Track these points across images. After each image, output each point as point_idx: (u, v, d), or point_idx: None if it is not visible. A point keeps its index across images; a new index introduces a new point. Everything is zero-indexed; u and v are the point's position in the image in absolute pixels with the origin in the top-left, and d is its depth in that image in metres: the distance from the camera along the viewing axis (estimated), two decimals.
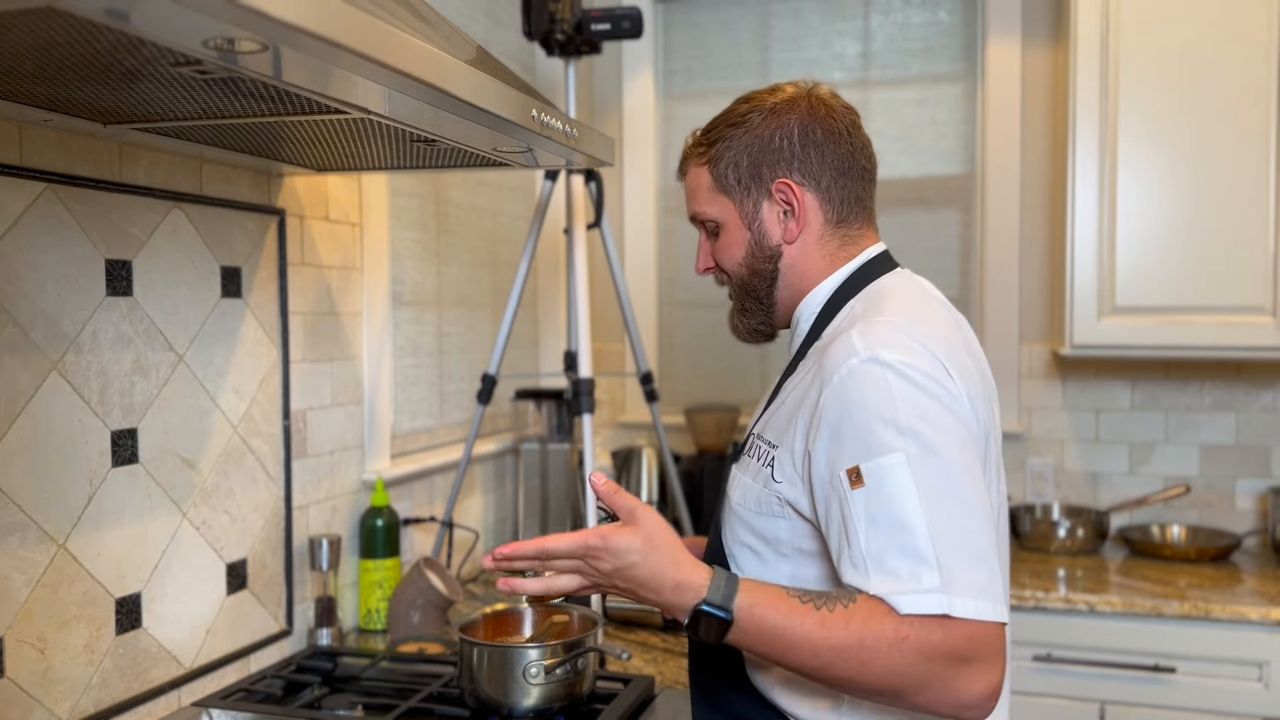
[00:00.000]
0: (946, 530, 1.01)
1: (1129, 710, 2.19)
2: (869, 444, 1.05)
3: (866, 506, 1.04)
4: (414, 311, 2.31)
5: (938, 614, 1.00)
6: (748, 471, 1.22)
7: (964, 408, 1.09)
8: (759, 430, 1.23)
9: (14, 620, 1.28)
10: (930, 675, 1.01)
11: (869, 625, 1.01)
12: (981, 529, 1.03)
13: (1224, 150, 2.32)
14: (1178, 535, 2.63)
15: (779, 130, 1.24)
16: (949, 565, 1.00)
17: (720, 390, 3.07)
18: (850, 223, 1.26)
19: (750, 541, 1.20)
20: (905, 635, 1.00)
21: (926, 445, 1.04)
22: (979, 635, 1.00)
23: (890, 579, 1.02)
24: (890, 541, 1.02)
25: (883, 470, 1.04)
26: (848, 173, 1.25)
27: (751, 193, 1.25)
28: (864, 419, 1.06)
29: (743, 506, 1.21)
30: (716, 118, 1.30)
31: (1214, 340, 2.35)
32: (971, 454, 1.07)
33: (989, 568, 1.02)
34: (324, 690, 1.61)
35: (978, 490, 1.05)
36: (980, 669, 1.00)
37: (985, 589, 1.00)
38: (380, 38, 0.91)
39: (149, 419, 1.49)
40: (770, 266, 1.27)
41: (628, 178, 3.07)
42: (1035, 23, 2.73)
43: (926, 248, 2.86)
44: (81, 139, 1.36)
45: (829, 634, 1.02)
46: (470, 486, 2.45)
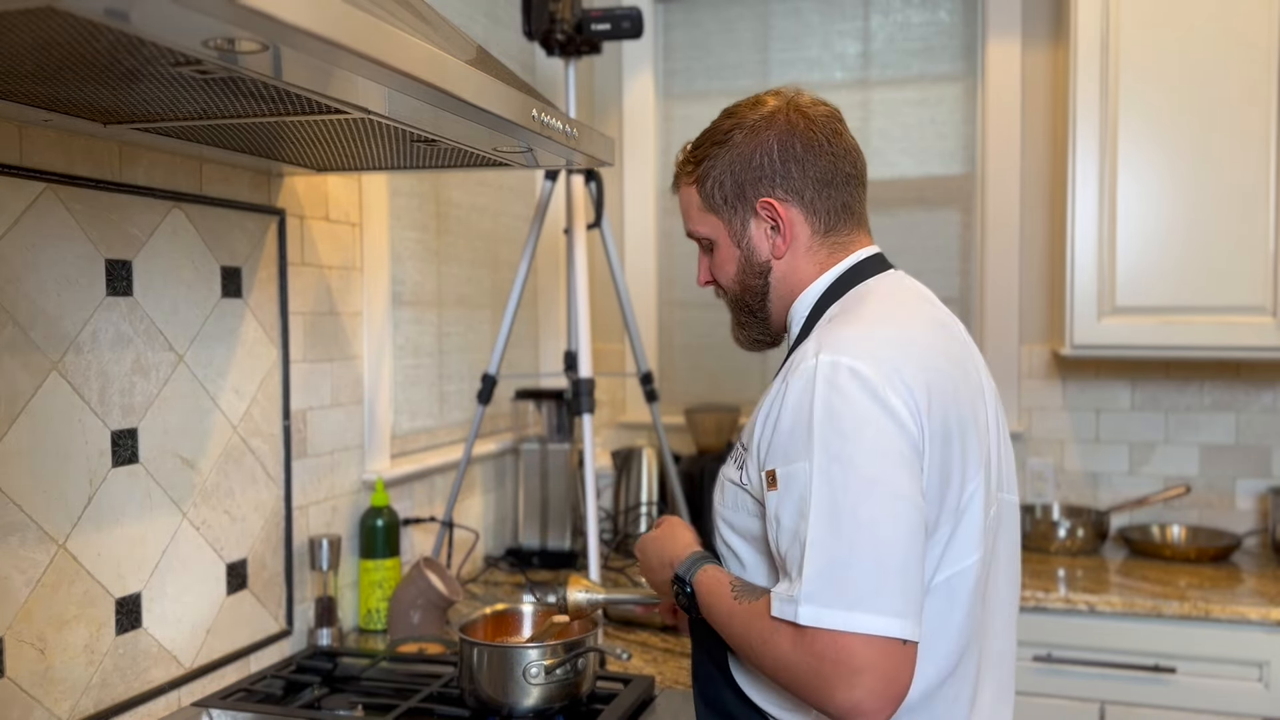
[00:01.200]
0: (827, 541, 1.02)
1: (1129, 710, 2.19)
2: (788, 450, 1.08)
3: (776, 509, 1.09)
4: (414, 311, 2.31)
5: (789, 621, 1.03)
6: (727, 473, 1.26)
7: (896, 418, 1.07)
8: (742, 432, 1.27)
9: (14, 620, 1.28)
10: (791, 682, 1.05)
11: (748, 624, 1.10)
12: (877, 539, 1.02)
13: (1224, 150, 2.32)
14: (1178, 535, 2.63)
15: (759, 148, 1.24)
16: (817, 575, 1.02)
17: (720, 390, 3.07)
18: (839, 230, 1.27)
19: (731, 540, 1.23)
20: (764, 639, 1.07)
21: (833, 456, 1.04)
22: (828, 651, 1.00)
23: (784, 581, 1.07)
24: (789, 546, 1.06)
25: (790, 476, 1.07)
26: (831, 183, 1.25)
27: (738, 211, 1.26)
28: (789, 424, 1.09)
29: (723, 506, 1.24)
30: (704, 133, 1.31)
31: (1214, 340, 2.35)
32: (887, 465, 1.04)
33: (877, 578, 1.01)
34: (324, 690, 1.61)
35: (884, 503, 1.03)
36: (836, 684, 1.00)
37: (860, 601, 1.00)
38: (380, 38, 0.91)
39: (149, 419, 1.49)
40: (761, 281, 1.28)
41: (628, 178, 3.07)
42: (1035, 23, 2.73)
43: (926, 248, 2.86)
44: (81, 139, 1.36)
45: (731, 625, 1.14)
46: (470, 486, 2.45)
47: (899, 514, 1.04)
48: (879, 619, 1.00)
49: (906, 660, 1.01)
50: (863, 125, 2.90)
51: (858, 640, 0.99)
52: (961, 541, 1.15)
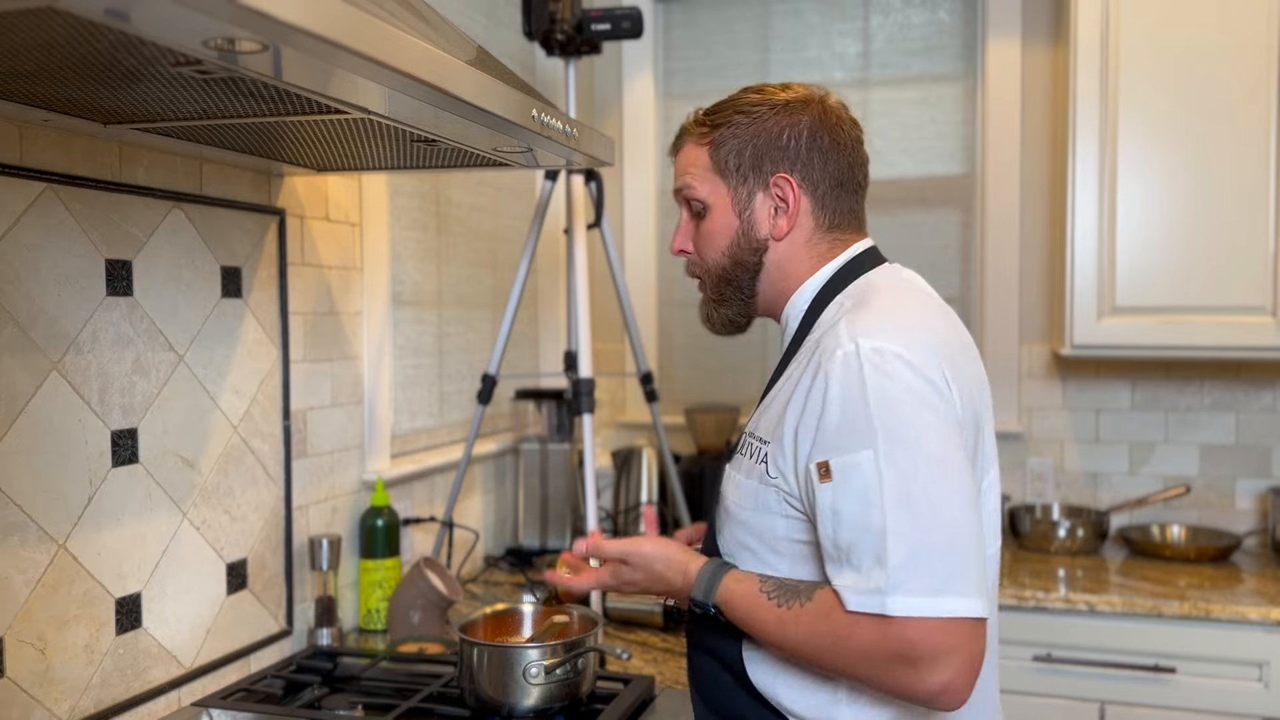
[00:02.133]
0: (907, 529, 1.03)
1: (1129, 710, 2.19)
2: (841, 440, 1.07)
3: (833, 501, 1.07)
4: (414, 311, 2.31)
5: (876, 614, 1.03)
6: (741, 470, 1.22)
7: (946, 398, 1.09)
8: (751, 428, 1.24)
9: (14, 620, 1.28)
10: (874, 672, 1.05)
11: (814, 626, 1.08)
12: (951, 521, 1.04)
13: (1224, 150, 2.32)
14: (1178, 535, 2.63)
15: (789, 128, 1.24)
16: (902, 565, 1.02)
17: (720, 390, 3.07)
18: (840, 229, 1.27)
19: (747, 541, 1.21)
20: (845, 635, 1.06)
21: (896, 440, 1.05)
22: (918, 637, 1.02)
23: (853, 573, 1.06)
24: (855, 537, 1.05)
25: (849, 467, 1.06)
26: (844, 185, 1.26)
27: (748, 181, 1.25)
28: (839, 414, 1.08)
29: (738, 506, 1.21)
30: (723, 101, 1.29)
31: (1214, 340, 2.35)
32: (950, 445, 1.07)
33: (955, 561, 1.03)
34: (324, 690, 1.61)
35: (952, 482, 1.05)
36: (926, 668, 1.02)
37: (944, 586, 1.02)
38: (380, 38, 0.91)
39: (149, 419, 1.49)
40: (755, 259, 1.27)
41: (628, 178, 3.07)
42: (1035, 23, 2.73)
43: (926, 248, 2.86)
44: (82, 139, 1.36)
45: (784, 631, 1.11)
46: (470, 486, 2.45)
47: (965, 493, 1.06)
48: (963, 600, 1.02)
49: (983, 636, 1.05)
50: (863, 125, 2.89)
51: (946, 623, 1.02)
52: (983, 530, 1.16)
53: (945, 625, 1.02)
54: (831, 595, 1.08)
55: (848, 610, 1.05)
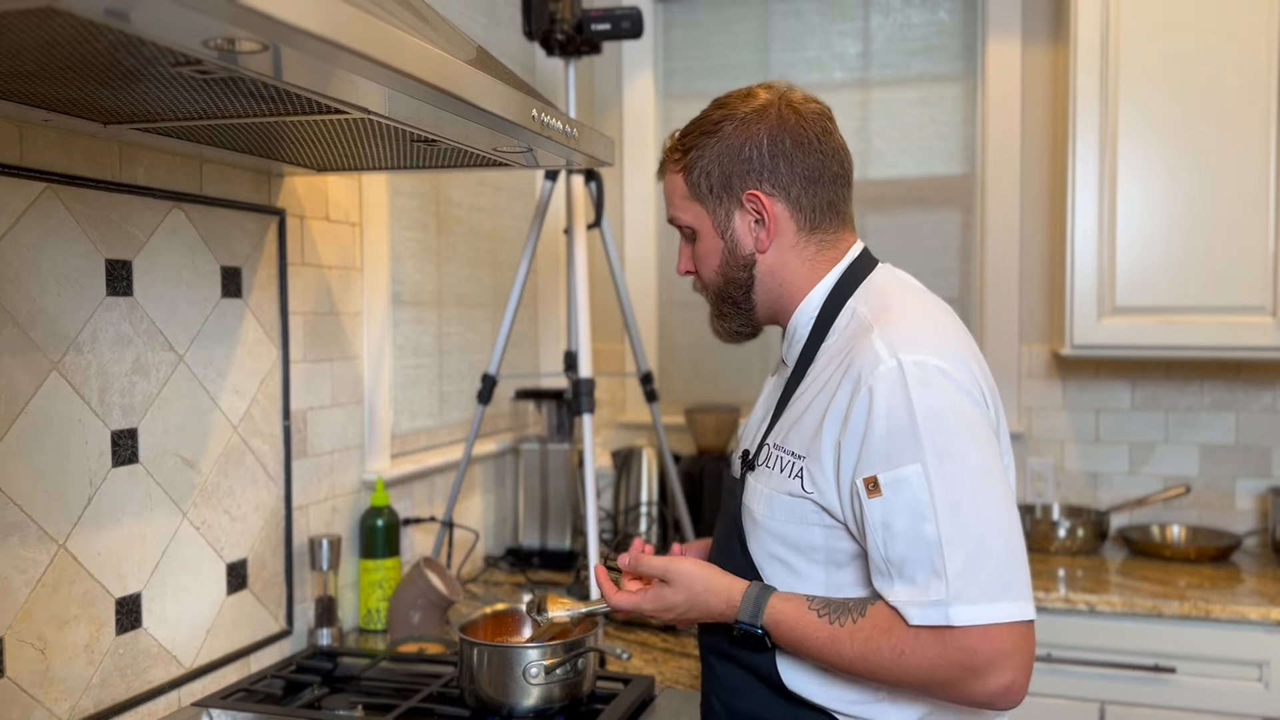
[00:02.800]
0: (961, 539, 1.06)
1: (1129, 710, 2.19)
2: (889, 454, 1.09)
3: (884, 516, 1.09)
4: (414, 311, 2.31)
5: (939, 625, 1.06)
6: (770, 483, 1.22)
7: (981, 406, 1.13)
8: (778, 440, 1.24)
9: (14, 620, 1.28)
10: (934, 682, 1.08)
11: (871, 641, 1.10)
12: (1000, 528, 1.07)
13: (1224, 150, 2.32)
14: (1178, 535, 2.63)
15: (749, 141, 1.24)
16: (960, 575, 1.05)
17: (720, 390, 3.07)
18: (825, 228, 1.27)
19: (780, 553, 1.21)
20: (903, 650, 1.08)
21: (944, 453, 1.07)
22: (980, 644, 1.05)
23: (908, 587, 1.08)
24: (909, 551, 1.08)
25: (899, 481, 1.08)
26: (818, 180, 1.25)
27: (723, 202, 1.27)
28: (884, 429, 1.09)
29: (770, 519, 1.21)
30: (693, 122, 1.31)
31: (1214, 340, 2.35)
32: (989, 452, 1.10)
33: (1008, 567, 1.06)
34: (324, 690, 1.61)
35: (996, 488, 1.09)
36: (989, 674, 1.05)
37: (1000, 592, 1.05)
38: (380, 38, 0.91)
39: (149, 419, 1.49)
40: (745, 274, 1.29)
41: (628, 178, 3.07)
42: (1035, 23, 2.73)
43: (926, 248, 2.86)
44: (82, 139, 1.36)
45: (839, 648, 1.12)
46: (470, 486, 2.45)
47: (1008, 498, 1.10)
48: (1018, 605, 1.06)
49: (1034, 637, 1.09)
50: (863, 125, 2.90)
51: (1005, 628, 1.05)
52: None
53: (1004, 630, 1.05)
54: (888, 611, 1.10)
55: (910, 625, 1.07)
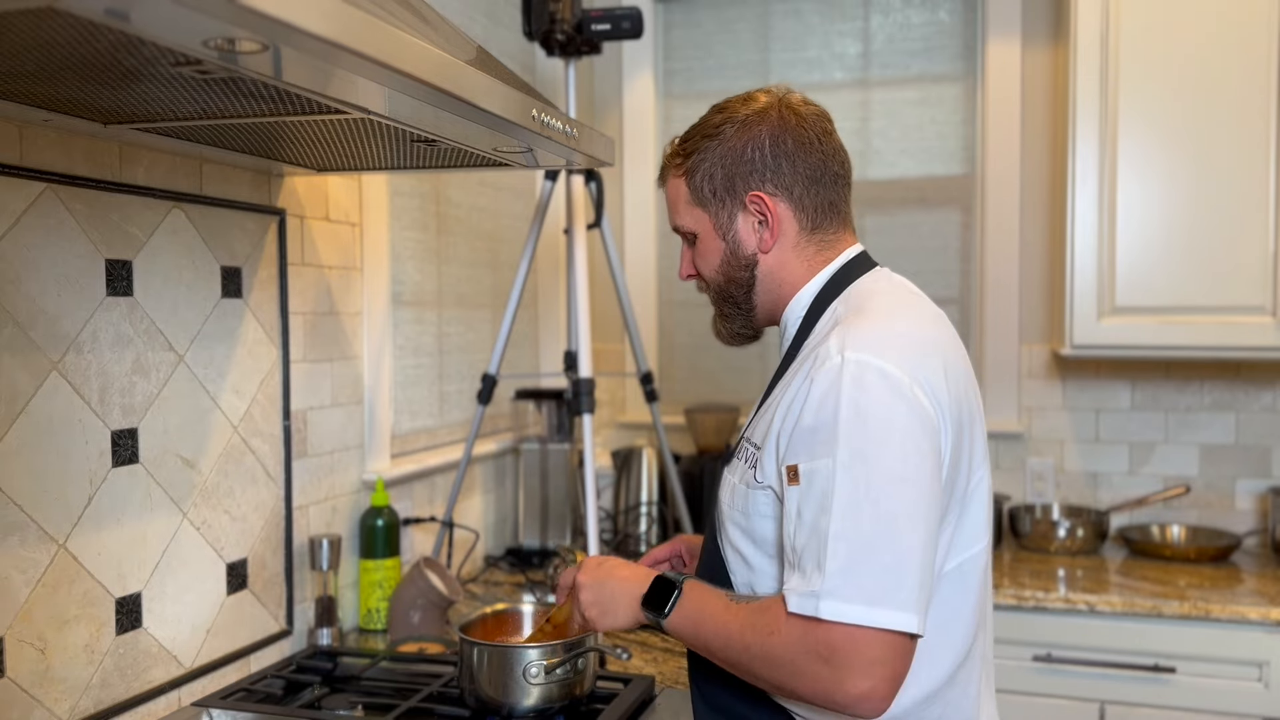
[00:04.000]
0: (849, 537, 1.05)
1: (1129, 710, 2.19)
2: (811, 445, 1.09)
3: (798, 504, 1.10)
4: (414, 311, 2.31)
5: (809, 615, 1.05)
6: (735, 474, 1.24)
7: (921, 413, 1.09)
8: (748, 434, 1.25)
9: (14, 620, 1.28)
10: (795, 673, 1.06)
11: (751, 618, 1.11)
12: (898, 538, 1.05)
13: (1224, 150, 2.32)
14: (1178, 535, 2.63)
15: (750, 142, 1.25)
16: (839, 572, 1.04)
17: (720, 390, 3.07)
18: (825, 228, 1.28)
19: (740, 544, 1.22)
20: (773, 631, 1.08)
21: (856, 452, 1.06)
22: (843, 642, 1.03)
23: (799, 576, 1.08)
24: (807, 541, 1.08)
25: (813, 473, 1.09)
26: (819, 180, 1.26)
27: (726, 204, 1.27)
28: (812, 421, 1.10)
29: (731, 508, 1.23)
30: (693, 127, 1.31)
31: (1214, 340, 2.35)
32: (912, 463, 1.07)
33: (895, 575, 1.04)
34: (324, 690, 1.61)
35: (906, 500, 1.06)
36: (846, 673, 1.03)
37: (880, 598, 1.03)
38: (380, 38, 0.91)
39: (149, 419, 1.49)
40: (747, 274, 1.29)
41: (628, 178, 3.07)
42: (1035, 23, 2.73)
43: (926, 248, 2.86)
44: (82, 139, 1.36)
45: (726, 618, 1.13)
46: (470, 486, 2.45)
47: (918, 512, 1.07)
48: (898, 614, 1.03)
49: (911, 653, 1.06)
50: (863, 125, 2.90)
51: (874, 634, 1.03)
52: (968, 529, 1.18)
53: (874, 636, 1.03)
54: (775, 598, 1.10)
55: (788, 611, 1.07)
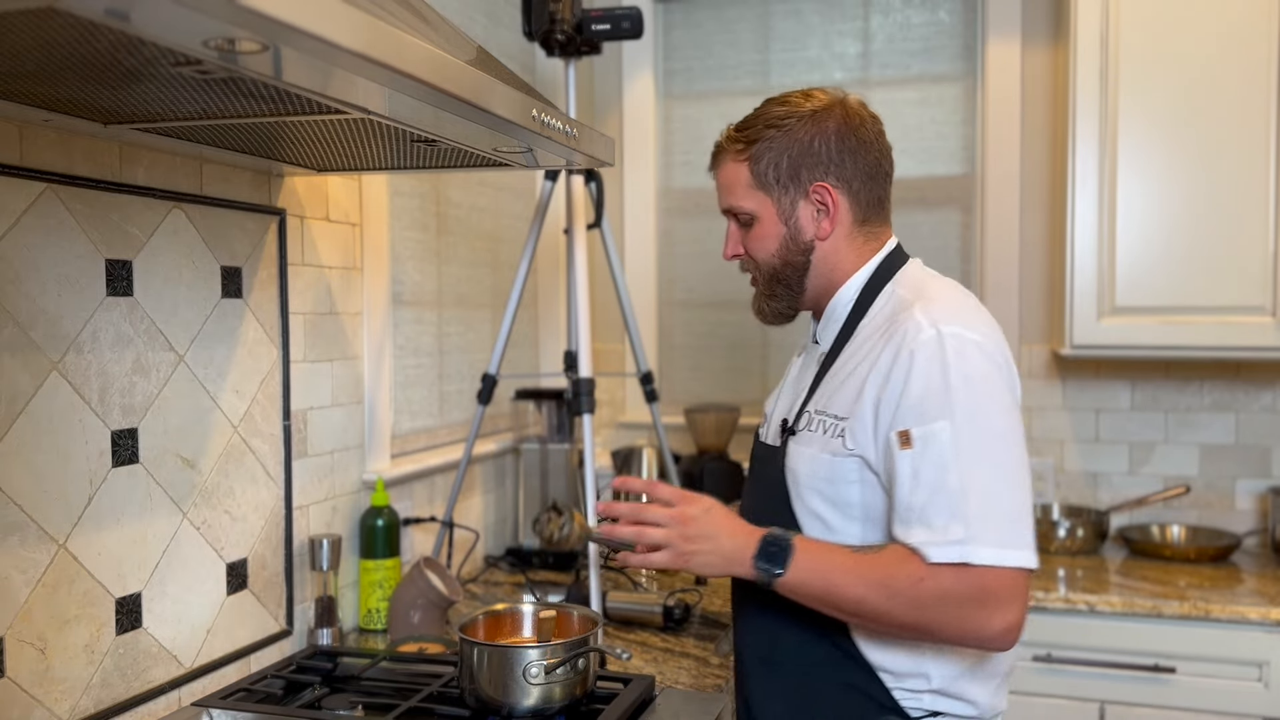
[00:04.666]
0: (977, 490, 1.18)
1: (1129, 710, 2.19)
2: (922, 411, 1.21)
3: (913, 466, 1.21)
4: (414, 311, 2.31)
5: (957, 562, 1.17)
6: (813, 445, 1.33)
7: (1009, 380, 1.26)
8: (819, 407, 1.34)
9: (14, 620, 1.28)
10: (946, 615, 1.19)
11: (890, 568, 1.21)
12: (1013, 487, 1.20)
13: (1224, 150, 2.32)
14: (1178, 535, 2.63)
15: (818, 136, 1.35)
16: (975, 520, 1.18)
17: (720, 390, 3.07)
18: (873, 221, 1.41)
19: (820, 509, 1.32)
20: (921, 577, 1.19)
21: (971, 414, 1.20)
22: (991, 581, 1.17)
23: (926, 531, 1.20)
24: (931, 498, 1.19)
25: (929, 435, 1.20)
26: (874, 177, 1.39)
27: (789, 191, 1.37)
28: (921, 389, 1.22)
29: (813, 477, 1.32)
30: (751, 116, 1.40)
31: (1214, 340, 2.35)
32: (1012, 419, 1.23)
33: (1016, 522, 1.19)
34: (324, 690, 1.61)
35: (1013, 452, 1.22)
36: (995, 610, 1.18)
37: (1010, 540, 1.18)
38: (380, 38, 0.91)
39: (149, 419, 1.49)
40: (803, 259, 1.40)
41: (628, 178, 3.07)
42: (1035, 23, 2.73)
43: (926, 248, 2.86)
44: (82, 139, 1.36)
45: (862, 572, 1.22)
46: (470, 486, 2.45)
47: (1021, 463, 1.23)
48: (1025, 553, 1.19)
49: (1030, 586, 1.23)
50: None
51: (1010, 573, 1.18)
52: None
53: (1011, 575, 1.18)
54: (905, 549, 1.21)
55: (929, 562, 1.19)
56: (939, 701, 1.30)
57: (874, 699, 1.30)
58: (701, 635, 1.94)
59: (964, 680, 1.29)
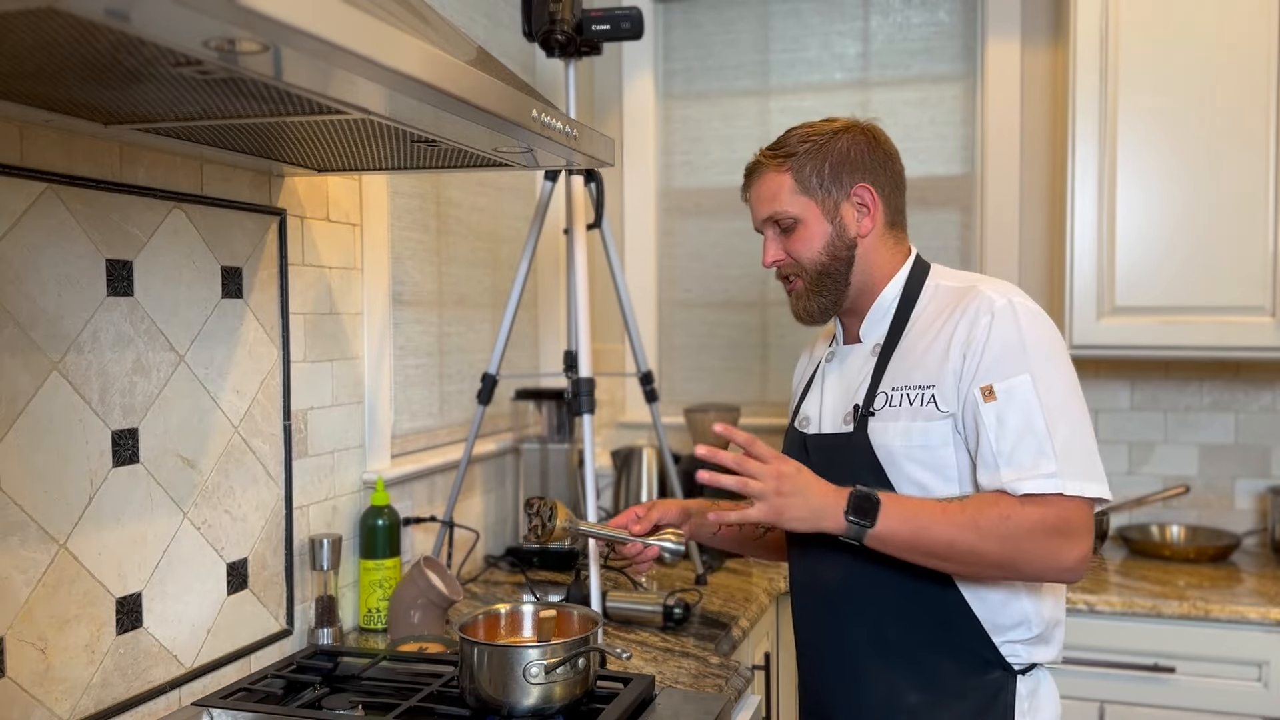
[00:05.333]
0: (1061, 430, 1.34)
1: (1129, 710, 2.19)
2: (1003, 367, 1.36)
3: (998, 414, 1.35)
4: (414, 311, 2.31)
5: (1052, 493, 1.31)
6: (900, 419, 1.44)
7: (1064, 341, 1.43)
8: (896, 384, 1.46)
9: (14, 620, 1.28)
10: (1033, 545, 1.31)
11: (979, 510, 1.33)
12: (1087, 432, 1.37)
13: (1224, 150, 2.32)
14: (1177, 535, 2.63)
15: (853, 146, 1.51)
16: (1063, 456, 1.33)
17: (720, 390, 3.07)
18: (897, 228, 1.56)
19: (919, 476, 1.42)
20: (1009, 515, 1.31)
21: (1045, 369, 1.36)
22: (1073, 513, 1.32)
23: (1015, 470, 1.33)
24: (1018, 441, 1.34)
25: (1013, 388, 1.35)
26: (898, 188, 1.56)
27: (832, 194, 1.50)
28: (1001, 349, 1.37)
29: (909, 445, 1.42)
30: (782, 138, 1.54)
31: (1213, 340, 2.35)
32: (1073, 375, 1.40)
33: (1093, 458, 1.35)
34: (324, 690, 1.61)
35: (1080, 403, 1.38)
36: (1075, 539, 1.32)
37: (1092, 474, 1.34)
38: (380, 38, 0.92)
39: (149, 419, 1.49)
40: (848, 254, 1.52)
41: (628, 178, 3.07)
42: (1035, 23, 2.73)
43: (927, 248, 2.86)
44: (82, 139, 1.36)
45: (949, 515, 1.33)
46: (470, 486, 2.45)
47: (1085, 411, 1.39)
48: (1104, 486, 1.36)
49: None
50: None
51: (1088, 505, 1.34)
52: None
53: (1088, 506, 1.34)
54: (989, 494, 1.35)
55: (1019, 495, 1.32)
56: (1035, 651, 1.43)
57: (981, 654, 1.42)
58: (701, 635, 1.94)
59: (1055, 627, 1.45)
